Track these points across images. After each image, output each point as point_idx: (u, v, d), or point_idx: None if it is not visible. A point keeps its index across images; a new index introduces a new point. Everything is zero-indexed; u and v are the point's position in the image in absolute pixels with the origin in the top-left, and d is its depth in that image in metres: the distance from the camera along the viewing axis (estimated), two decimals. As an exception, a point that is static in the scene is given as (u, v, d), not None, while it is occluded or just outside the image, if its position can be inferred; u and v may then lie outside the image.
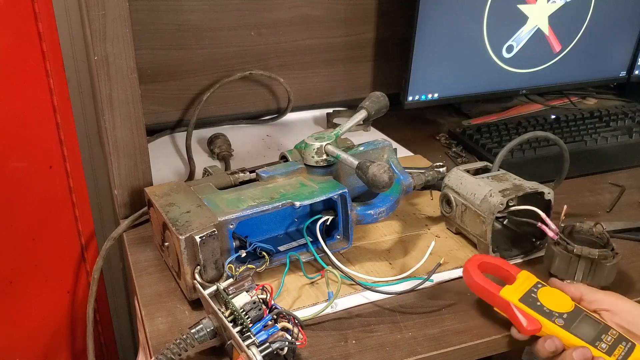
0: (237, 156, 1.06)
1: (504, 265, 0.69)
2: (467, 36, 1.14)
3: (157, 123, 1.14)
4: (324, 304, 0.67)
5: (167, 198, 0.71)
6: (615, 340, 0.59)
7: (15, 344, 1.16)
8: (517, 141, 0.86)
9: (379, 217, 0.76)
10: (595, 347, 0.59)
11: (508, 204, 0.75)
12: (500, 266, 0.68)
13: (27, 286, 1.13)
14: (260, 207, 0.68)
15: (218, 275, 0.66)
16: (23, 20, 0.96)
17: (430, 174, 0.85)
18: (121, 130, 0.78)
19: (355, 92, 1.28)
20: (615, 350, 0.58)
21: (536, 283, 0.66)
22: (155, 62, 1.09)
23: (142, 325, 0.70)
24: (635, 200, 0.95)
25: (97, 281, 0.89)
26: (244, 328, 0.56)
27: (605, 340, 0.59)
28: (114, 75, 0.74)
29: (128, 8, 0.71)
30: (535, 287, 0.65)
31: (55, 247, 1.15)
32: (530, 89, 1.29)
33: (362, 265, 0.76)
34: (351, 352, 0.63)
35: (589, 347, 0.59)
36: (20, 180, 1.05)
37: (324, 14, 1.18)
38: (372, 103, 0.85)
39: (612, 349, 0.59)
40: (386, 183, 0.67)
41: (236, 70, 1.15)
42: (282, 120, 1.23)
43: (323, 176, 0.77)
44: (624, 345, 0.59)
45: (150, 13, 1.05)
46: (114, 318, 1.35)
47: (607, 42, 1.28)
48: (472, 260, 0.68)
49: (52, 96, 1.04)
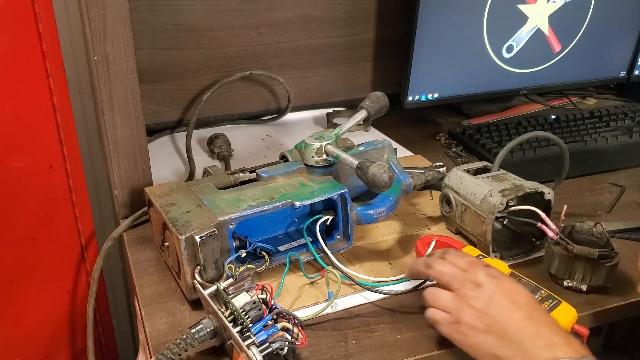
0: (237, 156, 1.06)
1: (451, 241, 0.76)
2: (467, 36, 1.14)
3: (157, 123, 1.14)
4: (324, 304, 0.67)
5: (167, 198, 0.71)
6: (543, 298, 0.65)
7: (15, 344, 1.16)
8: (517, 141, 0.86)
9: (379, 217, 0.76)
10: None
11: (508, 204, 0.75)
12: (448, 242, 0.75)
13: (27, 286, 1.13)
14: (260, 207, 0.68)
15: (218, 275, 0.66)
16: (23, 20, 0.96)
17: (430, 174, 0.85)
18: (121, 130, 0.78)
19: (355, 92, 1.28)
20: (542, 305, 0.64)
21: (478, 255, 0.71)
22: (155, 62, 1.09)
23: (142, 325, 0.70)
24: (635, 200, 0.95)
25: (97, 281, 0.89)
26: (244, 328, 0.56)
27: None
28: (114, 75, 0.74)
29: (128, 8, 0.71)
30: (477, 258, 0.69)
31: (55, 247, 1.15)
32: (530, 89, 1.29)
33: (362, 265, 0.76)
34: (351, 352, 0.63)
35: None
36: (20, 180, 1.05)
37: (324, 14, 1.18)
38: (372, 103, 0.85)
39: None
40: (386, 183, 0.67)
41: (236, 70, 1.15)
42: (282, 120, 1.23)
43: (323, 176, 0.77)
44: (550, 303, 0.65)
45: (150, 13, 1.05)
46: (114, 318, 1.35)
47: (607, 42, 1.28)
48: (423, 239, 0.76)
49: (52, 96, 1.04)
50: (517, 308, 0.56)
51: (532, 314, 0.56)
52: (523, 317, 0.56)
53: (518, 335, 0.55)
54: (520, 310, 0.56)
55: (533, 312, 0.56)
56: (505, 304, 0.57)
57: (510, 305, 0.56)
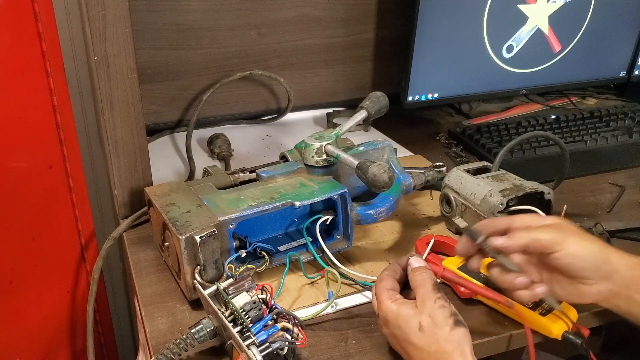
0: (237, 156, 1.06)
1: (449, 241, 0.76)
2: (467, 36, 1.14)
3: (157, 123, 1.14)
4: (324, 304, 0.67)
5: (167, 198, 0.71)
6: (540, 300, 0.63)
7: (15, 344, 1.16)
8: (517, 141, 0.86)
9: (379, 217, 0.76)
10: (522, 304, 0.64)
11: (508, 204, 0.75)
12: (446, 242, 0.76)
13: (27, 286, 1.13)
14: (260, 207, 0.68)
15: (218, 275, 0.66)
16: (23, 20, 0.96)
17: (430, 174, 0.85)
18: (121, 130, 0.78)
19: (355, 92, 1.28)
20: (539, 308, 0.63)
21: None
22: (155, 62, 1.09)
23: (142, 325, 0.70)
24: (635, 200, 0.95)
25: (97, 281, 0.89)
26: (244, 328, 0.56)
27: None
28: (114, 75, 0.74)
29: (128, 8, 0.71)
30: None
31: (55, 247, 1.15)
32: (530, 89, 1.29)
33: (362, 265, 0.76)
34: (351, 352, 0.63)
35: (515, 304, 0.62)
36: (20, 180, 1.05)
37: (324, 14, 1.18)
38: (372, 103, 0.85)
39: (536, 307, 0.64)
40: (386, 183, 0.67)
41: (236, 70, 1.15)
42: (282, 120, 1.23)
43: (323, 176, 0.77)
44: (548, 304, 0.63)
45: (150, 13, 1.05)
46: (114, 318, 1.35)
47: (607, 42, 1.28)
48: (422, 239, 0.77)
49: (52, 96, 1.04)
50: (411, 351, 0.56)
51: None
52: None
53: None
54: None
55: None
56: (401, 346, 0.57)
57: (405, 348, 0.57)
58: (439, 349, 0.53)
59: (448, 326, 0.54)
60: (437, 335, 0.54)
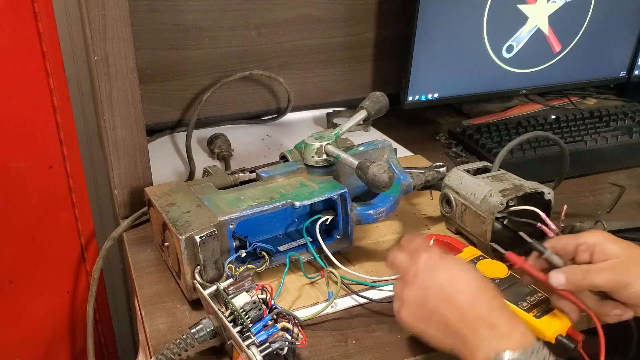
0: (237, 156, 1.06)
1: (453, 241, 0.76)
2: (467, 36, 1.14)
3: (157, 123, 1.14)
4: (324, 304, 0.67)
5: (167, 198, 0.71)
6: (537, 302, 0.64)
7: (15, 344, 1.16)
8: (517, 141, 0.86)
9: (379, 217, 0.76)
10: (517, 305, 0.63)
11: (508, 204, 0.75)
12: (450, 243, 0.76)
13: (27, 286, 1.13)
14: (260, 207, 0.68)
15: (218, 275, 0.66)
16: (23, 20, 0.96)
17: (430, 174, 0.85)
18: (121, 130, 0.78)
19: (355, 92, 1.28)
20: (535, 309, 0.63)
21: (478, 255, 0.72)
22: (155, 62, 1.09)
23: (142, 325, 0.70)
24: (635, 200, 0.95)
25: (97, 281, 0.89)
26: (244, 328, 0.56)
27: (529, 300, 0.64)
28: (114, 75, 0.74)
29: (128, 8, 0.71)
30: (477, 259, 0.71)
31: (55, 247, 1.15)
32: (530, 89, 1.29)
33: (362, 265, 0.76)
34: (351, 352, 0.63)
35: (510, 305, 0.63)
36: (20, 180, 1.05)
37: (324, 14, 1.18)
38: (372, 103, 0.85)
39: (532, 308, 0.63)
40: (386, 183, 0.67)
41: (236, 70, 1.15)
42: (282, 120, 1.23)
43: (323, 176, 0.77)
44: (546, 306, 0.63)
45: (150, 13, 1.05)
46: (114, 318, 1.35)
47: (607, 42, 1.28)
48: (426, 238, 0.76)
49: (52, 96, 1.04)
50: (456, 297, 0.53)
51: (475, 299, 0.53)
52: (464, 305, 0.53)
53: (458, 325, 0.52)
54: (461, 297, 0.53)
55: (476, 298, 0.53)
56: (442, 295, 0.54)
57: (447, 296, 0.54)
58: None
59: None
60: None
